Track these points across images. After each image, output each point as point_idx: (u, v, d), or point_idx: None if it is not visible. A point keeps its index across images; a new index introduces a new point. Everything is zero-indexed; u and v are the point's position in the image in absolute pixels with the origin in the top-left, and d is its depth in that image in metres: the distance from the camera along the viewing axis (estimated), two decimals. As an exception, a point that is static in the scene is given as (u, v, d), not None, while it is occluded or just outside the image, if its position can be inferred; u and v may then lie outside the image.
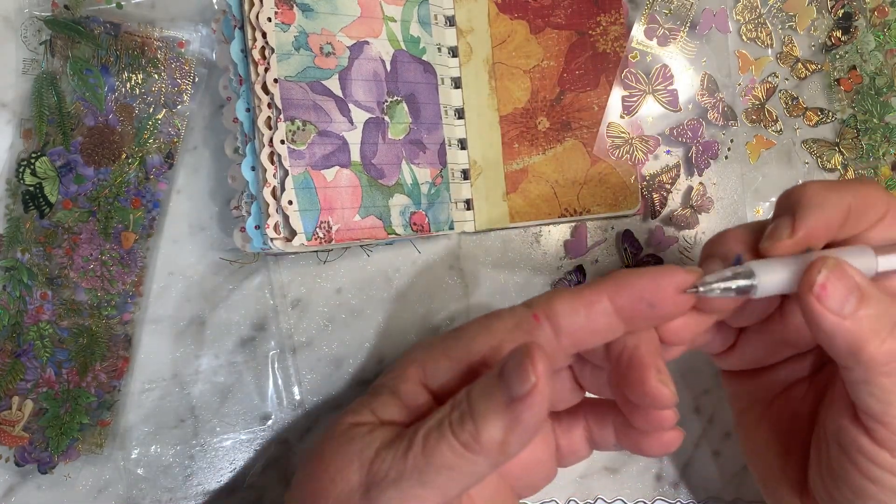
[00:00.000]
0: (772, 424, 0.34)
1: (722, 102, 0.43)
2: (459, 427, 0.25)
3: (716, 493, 0.43)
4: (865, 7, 0.43)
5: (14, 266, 0.38)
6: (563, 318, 0.27)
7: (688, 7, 0.43)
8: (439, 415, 0.26)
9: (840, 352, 0.27)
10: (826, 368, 0.33)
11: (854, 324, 0.26)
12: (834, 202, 0.28)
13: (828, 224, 0.28)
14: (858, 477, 0.29)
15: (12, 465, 0.38)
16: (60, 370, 0.38)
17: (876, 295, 0.27)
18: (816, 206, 0.28)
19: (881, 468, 0.28)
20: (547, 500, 0.43)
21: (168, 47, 0.39)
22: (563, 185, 0.42)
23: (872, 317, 0.26)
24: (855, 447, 0.28)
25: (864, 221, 0.29)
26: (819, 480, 0.31)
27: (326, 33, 0.38)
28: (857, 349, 0.26)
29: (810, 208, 0.28)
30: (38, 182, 0.38)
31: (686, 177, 0.44)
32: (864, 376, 0.27)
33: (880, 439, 0.28)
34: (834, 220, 0.28)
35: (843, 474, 0.29)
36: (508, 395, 0.25)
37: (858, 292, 0.26)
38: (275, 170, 0.36)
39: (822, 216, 0.28)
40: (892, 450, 0.28)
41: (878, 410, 0.27)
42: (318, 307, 0.41)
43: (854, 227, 0.29)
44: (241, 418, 0.41)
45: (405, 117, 0.40)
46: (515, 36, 0.42)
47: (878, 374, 0.27)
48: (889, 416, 0.27)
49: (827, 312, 0.26)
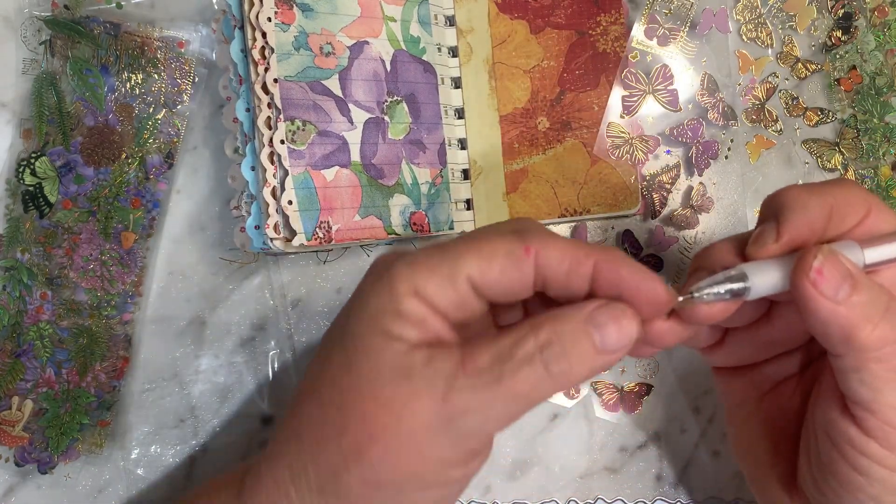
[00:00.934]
0: (761, 420, 0.35)
1: (722, 102, 0.43)
2: (556, 364, 0.26)
3: (716, 493, 0.43)
4: (865, 7, 0.43)
5: (14, 266, 0.38)
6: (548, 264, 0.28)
7: (688, 7, 0.43)
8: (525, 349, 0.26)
9: (833, 338, 0.27)
10: (814, 365, 0.34)
11: (848, 309, 0.27)
12: (816, 204, 0.29)
13: (811, 226, 0.28)
14: (847, 469, 0.29)
15: (12, 465, 0.38)
16: (60, 370, 0.38)
17: (867, 282, 0.27)
18: (799, 209, 0.28)
19: (870, 459, 0.28)
20: (547, 500, 0.43)
21: (168, 47, 0.39)
22: (563, 185, 0.42)
23: (865, 303, 0.27)
24: (844, 439, 0.29)
25: (846, 222, 0.29)
26: (808, 475, 0.31)
27: (326, 33, 0.38)
28: (850, 335, 0.27)
29: (793, 212, 0.28)
30: (37, 182, 0.38)
31: (686, 177, 0.44)
32: (855, 363, 0.27)
33: (869, 429, 0.28)
34: (817, 221, 0.29)
35: (832, 467, 0.30)
36: (601, 345, 0.27)
37: (852, 279, 0.27)
38: (275, 170, 0.36)
39: (805, 219, 0.28)
40: (880, 439, 0.28)
41: (868, 398, 0.28)
42: (318, 307, 0.41)
43: (837, 227, 0.29)
44: (241, 418, 0.41)
45: (405, 117, 0.40)
46: (515, 36, 0.42)
47: (869, 359, 0.27)
48: (878, 404, 0.28)
49: (822, 298, 0.27)
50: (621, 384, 0.43)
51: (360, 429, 0.27)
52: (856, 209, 0.29)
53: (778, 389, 0.35)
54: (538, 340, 0.27)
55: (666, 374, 0.43)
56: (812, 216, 0.28)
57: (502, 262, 0.27)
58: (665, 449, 0.43)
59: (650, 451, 0.43)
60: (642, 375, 0.43)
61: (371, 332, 0.27)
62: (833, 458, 0.29)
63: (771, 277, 0.28)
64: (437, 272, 0.27)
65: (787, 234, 0.28)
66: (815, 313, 0.27)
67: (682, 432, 0.43)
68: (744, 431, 0.36)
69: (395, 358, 0.27)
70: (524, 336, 0.27)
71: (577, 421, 0.43)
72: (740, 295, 0.28)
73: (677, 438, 0.43)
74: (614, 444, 0.43)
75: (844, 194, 0.29)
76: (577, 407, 0.43)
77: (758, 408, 0.35)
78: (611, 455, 0.43)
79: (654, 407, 0.43)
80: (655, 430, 0.43)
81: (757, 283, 0.28)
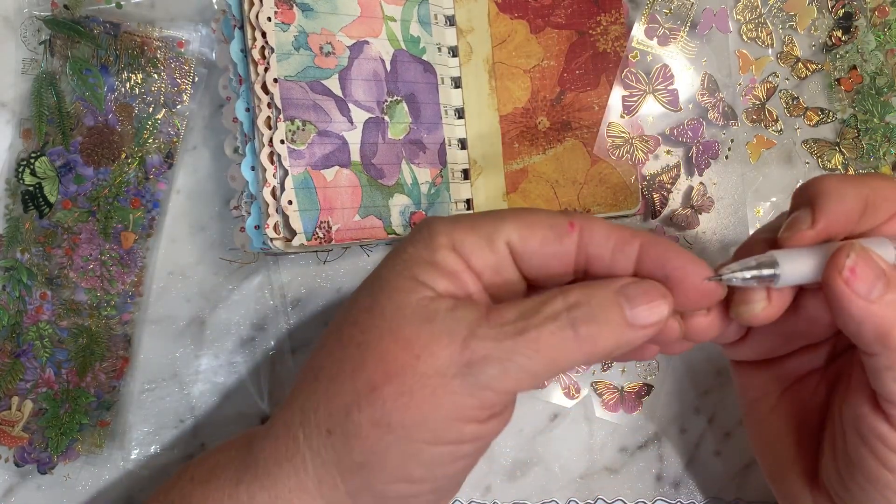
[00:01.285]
0: (783, 415, 0.34)
1: (722, 102, 0.43)
2: (584, 325, 0.26)
3: (716, 493, 0.43)
4: (866, 7, 0.43)
5: (13, 266, 0.38)
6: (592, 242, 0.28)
7: (688, 7, 0.43)
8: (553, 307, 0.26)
9: (867, 337, 0.27)
10: (840, 359, 0.33)
11: (882, 308, 0.26)
12: (852, 194, 0.28)
13: (847, 216, 0.28)
14: (876, 465, 0.29)
15: (12, 465, 0.38)
16: (60, 370, 0.38)
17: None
18: (835, 198, 0.28)
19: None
20: (547, 500, 0.43)
21: (168, 47, 0.39)
22: (563, 184, 0.42)
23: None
24: (875, 435, 0.28)
25: (880, 215, 0.29)
26: (833, 470, 0.31)
27: (326, 33, 0.38)
28: (885, 334, 0.26)
29: (829, 200, 0.28)
30: (37, 182, 0.38)
31: (686, 177, 0.44)
32: (890, 362, 0.27)
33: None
34: (853, 211, 0.28)
35: (860, 463, 0.29)
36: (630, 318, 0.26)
37: (885, 277, 0.27)
38: (274, 170, 0.36)
39: (841, 208, 0.28)
40: None
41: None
42: (318, 307, 0.41)
43: (871, 220, 0.29)
44: (241, 418, 0.41)
45: (405, 117, 0.40)
46: (515, 36, 0.42)
47: None
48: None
49: (855, 297, 0.26)
50: (621, 384, 0.43)
51: (377, 367, 0.26)
52: (890, 203, 0.29)
53: (801, 383, 0.34)
54: (567, 300, 0.26)
55: (666, 375, 0.43)
56: (848, 206, 0.28)
57: (544, 233, 0.27)
58: (665, 449, 0.43)
59: (650, 452, 0.43)
60: (642, 375, 0.43)
61: (400, 276, 0.27)
62: (861, 453, 0.29)
63: (802, 266, 0.27)
64: (476, 231, 0.28)
65: (822, 221, 0.28)
66: (848, 312, 0.27)
67: (682, 432, 0.43)
68: (764, 427, 0.35)
69: (420, 301, 0.27)
70: (553, 295, 0.27)
71: (577, 421, 0.43)
72: (769, 281, 0.27)
73: (677, 438, 0.43)
74: (614, 445, 0.43)
75: (881, 187, 0.29)
76: (577, 407, 0.43)
77: (779, 402, 0.35)
78: (611, 455, 0.43)
79: (654, 407, 0.43)
80: (655, 430, 0.43)
81: (787, 271, 0.27)
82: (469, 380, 0.26)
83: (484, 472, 0.42)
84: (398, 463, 0.27)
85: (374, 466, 0.27)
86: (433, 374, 0.26)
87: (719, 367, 0.43)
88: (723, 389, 0.43)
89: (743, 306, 0.29)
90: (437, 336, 0.26)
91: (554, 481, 0.43)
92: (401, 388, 0.26)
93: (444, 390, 0.26)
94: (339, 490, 0.28)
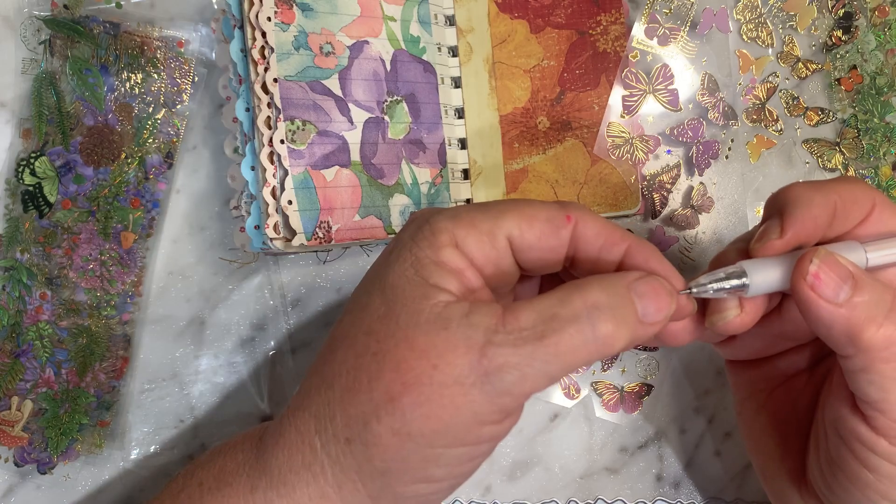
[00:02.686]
0: (772, 414, 0.35)
1: (722, 102, 0.43)
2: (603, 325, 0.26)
3: (716, 493, 0.43)
4: (866, 6, 0.43)
5: (13, 266, 0.38)
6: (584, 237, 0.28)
7: (688, 6, 0.43)
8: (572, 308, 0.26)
9: (838, 340, 0.27)
10: (826, 360, 0.34)
11: (850, 310, 0.27)
12: (820, 201, 0.29)
13: (815, 223, 0.29)
14: (856, 465, 0.29)
15: (12, 465, 0.38)
16: (60, 370, 0.38)
17: (870, 282, 0.27)
18: (803, 206, 0.28)
19: (879, 456, 0.28)
20: (547, 501, 0.42)
21: (167, 47, 0.39)
22: (563, 184, 0.42)
23: (868, 303, 0.27)
24: (853, 436, 0.29)
25: (850, 219, 0.29)
26: (817, 470, 0.31)
27: (326, 33, 0.38)
28: (855, 336, 0.27)
29: (797, 208, 0.28)
30: (37, 182, 0.38)
31: (686, 176, 0.44)
32: (863, 364, 0.27)
33: (878, 427, 0.28)
34: (821, 218, 0.29)
35: (841, 463, 0.30)
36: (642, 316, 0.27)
37: (852, 280, 0.27)
38: (274, 169, 0.36)
39: (809, 215, 0.28)
40: (889, 437, 0.28)
41: (877, 398, 0.28)
42: (318, 307, 0.41)
43: (841, 225, 0.29)
44: (241, 418, 0.41)
45: (405, 117, 0.40)
46: (515, 35, 0.42)
47: (876, 360, 0.27)
48: (887, 403, 0.27)
49: (822, 301, 0.27)
50: (621, 384, 0.43)
51: (395, 377, 0.26)
52: (860, 206, 0.29)
53: (789, 384, 0.35)
54: (586, 301, 0.26)
55: (666, 375, 0.43)
56: (816, 212, 0.28)
57: (542, 227, 0.28)
58: (665, 449, 0.43)
59: (650, 452, 0.43)
60: (642, 375, 0.43)
61: (411, 282, 0.27)
62: (842, 453, 0.29)
63: (770, 275, 0.28)
64: (477, 226, 0.28)
65: (790, 230, 0.28)
66: (816, 316, 0.27)
67: (682, 432, 0.43)
68: (754, 425, 0.36)
69: (434, 308, 0.27)
70: (569, 294, 0.27)
71: (577, 421, 0.43)
72: (739, 291, 0.28)
73: (677, 438, 0.43)
74: (614, 445, 0.43)
75: (849, 191, 0.29)
76: (577, 407, 0.43)
77: (768, 401, 0.35)
78: (611, 455, 0.43)
79: (654, 407, 0.43)
80: (655, 430, 0.43)
81: (756, 281, 0.28)
82: (487, 388, 0.26)
83: (484, 472, 0.42)
84: (418, 467, 0.27)
85: (395, 472, 0.27)
86: (451, 383, 0.26)
87: (719, 367, 0.43)
88: (723, 389, 0.43)
89: (716, 315, 0.29)
90: (454, 344, 0.26)
91: (554, 481, 0.43)
92: (419, 399, 0.26)
93: (464, 399, 0.26)
94: (360, 493, 0.28)
